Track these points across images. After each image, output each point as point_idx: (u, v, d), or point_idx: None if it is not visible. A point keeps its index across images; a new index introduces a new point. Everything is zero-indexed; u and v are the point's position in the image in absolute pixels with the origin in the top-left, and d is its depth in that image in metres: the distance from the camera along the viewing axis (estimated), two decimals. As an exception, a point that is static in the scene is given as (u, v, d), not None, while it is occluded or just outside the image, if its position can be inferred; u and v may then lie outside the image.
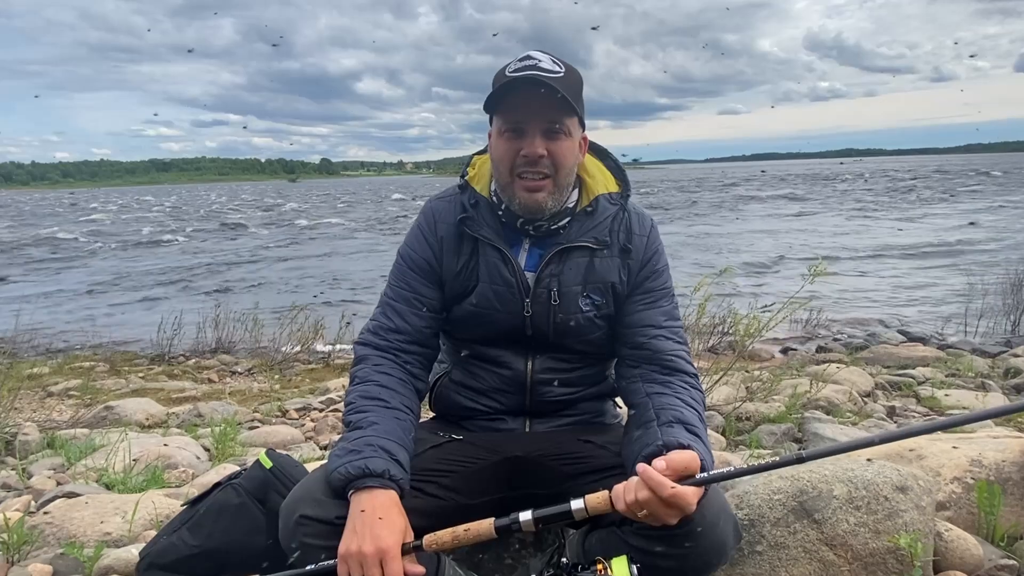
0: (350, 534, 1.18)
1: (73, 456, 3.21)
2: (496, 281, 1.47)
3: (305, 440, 4.17)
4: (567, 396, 1.56)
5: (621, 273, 1.50)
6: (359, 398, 1.39)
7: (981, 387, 4.76)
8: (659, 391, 1.39)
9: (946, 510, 1.92)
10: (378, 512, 1.19)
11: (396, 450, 1.29)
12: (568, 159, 1.43)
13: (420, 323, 1.49)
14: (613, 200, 1.52)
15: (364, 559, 1.15)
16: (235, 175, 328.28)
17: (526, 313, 1.47)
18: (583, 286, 1.48)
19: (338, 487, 1.24)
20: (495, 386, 1.55)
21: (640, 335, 1.47)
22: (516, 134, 1.40)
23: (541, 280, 1.47)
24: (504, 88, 1.37)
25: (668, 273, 1.55)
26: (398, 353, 1.47)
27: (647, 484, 1.12)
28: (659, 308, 1.50)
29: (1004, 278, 8.30)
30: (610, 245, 1.49)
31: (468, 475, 1.44)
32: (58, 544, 2.00)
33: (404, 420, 1.37)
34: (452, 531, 1.21)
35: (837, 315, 9.00)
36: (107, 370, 7.14)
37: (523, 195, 1.42)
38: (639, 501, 1.12)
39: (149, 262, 18.73)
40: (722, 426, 3.71)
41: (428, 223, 1.54)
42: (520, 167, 1.41)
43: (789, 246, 16.75)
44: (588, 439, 1.50)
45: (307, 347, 7.65)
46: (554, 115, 1.38)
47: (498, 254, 1.48)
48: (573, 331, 1.49)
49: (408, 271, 1.52)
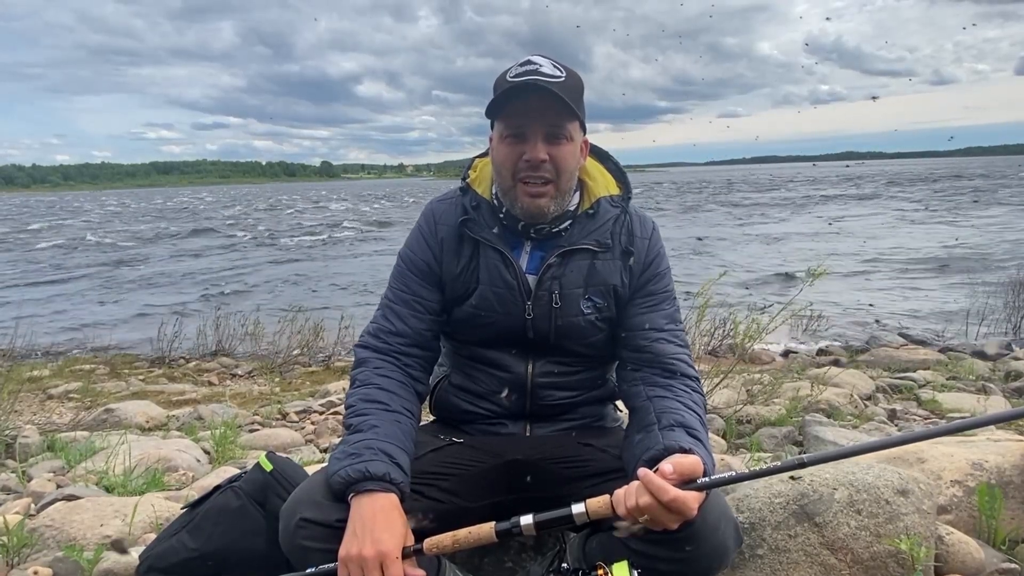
0: (350, 537, 1.18)
1: (73, 459, 3.20)
2: (497, 284, 1.47)
3: (305, 443, 4.16)
4: (567, 400, 1.56)
5: (623, 275, 1.50)
6: (359, 401, 1.38)
7: (982, 390, 4.75)
8: (661, 394, 1.38)
9: (947, 513, 1.91)
10: (378, 516, 1.19)
11: (396, 453, 1.29)
12: (570, 163, 1.43)
13: (420, 326, 1.49)
14: (614, 203, 1.52)
15: (364, 562, 1.15)
16: (236, 177, 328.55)
17: (527, 316, 1.47)
18: (585, 288, 1.47)
19: (338, 490, 1.24)
20: (495, 389, 1.54)
21: (641, 338, 1.47)
22: (518, 139, 1.40)
23: (543, 282, 1.46)
24: (506, 94, 1.37)
25: (670, 276, 1.55)
26: (398, 356, 1.47)
27: (648, 489, 1.11)
28: (661, 311, 1.49)
29: (1005, 281, 8.30)
30: (611, 248, 1.49)
31: (468, 478, 1.43)
32: (58, 547, 2.00)
33: (404, 423, 1.37)
34: (453, 535, 1.21)
35: (838, 318, 9.00)
36: (107, 372, 7.14)
37: (525, 200, 1.42)
38: (640, 506, 1.12)
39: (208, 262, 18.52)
40: (723, 429, 3.69)
41: (429, 225, 1.54)
42: (522, 171, 1.41)
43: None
44: (588, 442, 1.50)
45: (307, 349, 7.65)
46: (556, 120, 1.39)
47: (499, 256, 1.48)
48: (575, 334, 1.49)
49: (408, 273, 1.52)
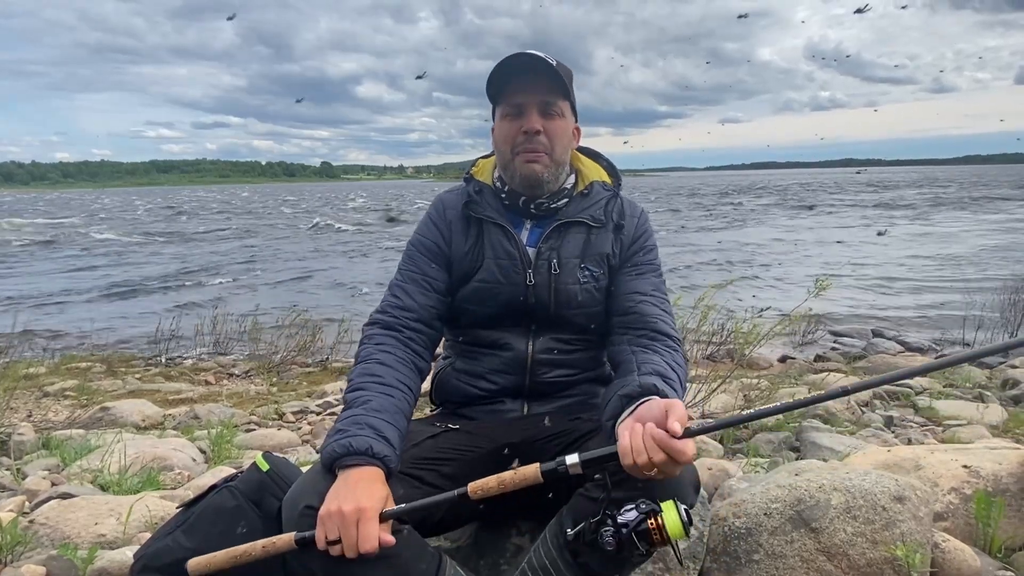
0: (331, 497, 1.20)
1: (68, 457, 3.19)
2: (500, 255, 1.58)
3: (302, 443, 4.16)
4: (565, 378, 1.62)
5: (614, 246, 1.61)
6: (357, 376, 1.43)
7: (979, 398, 4.75)
8: (643, 350, 1.45)
9: (943, 521, 1.91)
10: (360, 482, 1.21)
11: (383, 427, 1.31)
12: (563, 138, 1.58)
13: (427, 302, 1.57)
14: (607, 188, 1.67)
15: (342, 518, 1.16)
16: (236, 177, 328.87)
17: (528, 283, 1.55)
18: (581, 258, 1.58)
19: (327, 466, 1.27)
20: (495, 368, 1.60)
21: (628, 300, 1.56)
22: (516, 113, 1.55)
23: (541, 253, 1.58)
24: (503, 69, 1.51)
25: (657, 253, 1.66)
26: (402, 329, 1.52)
27: (662, 447, 1.11)
28: (646, 279, 1.60)
29: (1002, 289, 8.32)
30: (605, 224, 1.62)
31: (466, 463, 1.46)
32: (52, 545, 1.99)
33: (398, 397, 1.40)
34: (498, 477, 1.20)
35: (837, 323, 9.01)
36: (104, 371, 7.11)
37: (522, 167, 1.55)
38: (654, 461, 1.12)
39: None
40: (720, 433, 3.70)
41: (438, 210, 1.67)
42: (520, 144, 1.55)
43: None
44: (578, 416, 1.56)
45: (305, 350, 7.64)
46: (548, 95, 1.54)
47: (501, 231, 1.60)
48: (573, 302, 1.57)
49: (417, 254, 1.62)
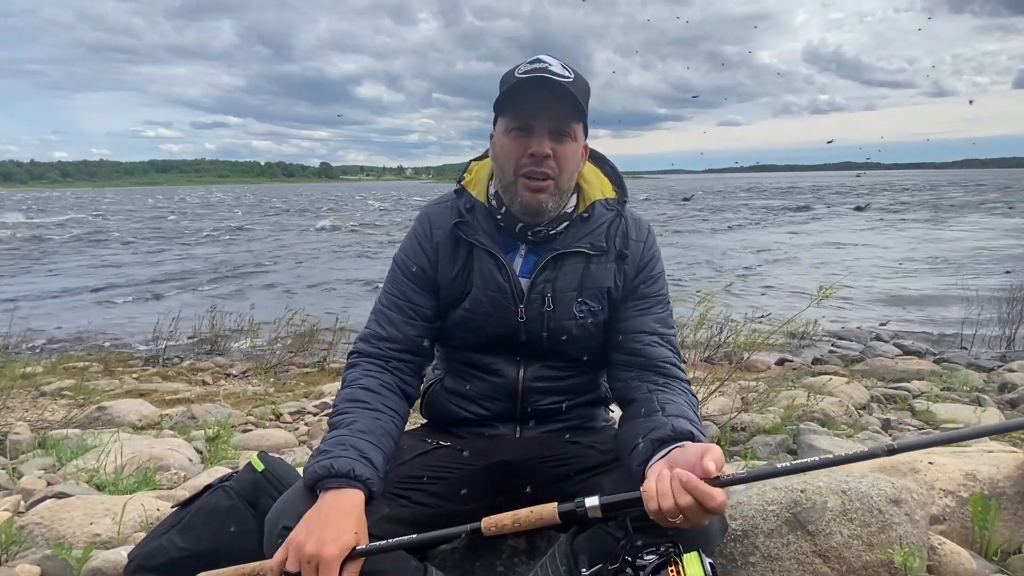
0: (302, 526, 1.18)
1: (64, 456, 3.18)
2: (490, 287, 1.46)
3: (299, 444, 4.15)
4: (558, 404, 1.55)
5: (616, 278, 1.49)
6: (342, 401, 1.40)
7: (976, 401, 4.76)
8: (660, 389, 1.39)
9: (940, 524, 1.91)
10: (332, 516, 1.19)
11: (367, 448, 1.29)
12: (571, 163, 1.43)
13: (412, 332, 1.48)
14: (609, 206, 1.52)
15: (304, 557, 1.15)
16: (235, 177, 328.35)
17: (520, 319, 1.46)
18: (579, 291, 1.47)
19: (309, 487, 1.25)
20: (486, 393, 1.54)
21: (635, 341, 1.46)
22: (524, 133, 1.39)
23: (535, 286, 1.46)
24: (516, 87, 1.37)
25: (664, 280, 1.54)
26: (388, 360, 1.46)
27: (690, 491, 1.05)
28: (654, 315, 1.49)
29: (1000, 292, 8.33)
30: (606, 251, 1.48)
31: (456, 481, 1.43)
32: (47, 545, 1.98)
33: (384, 420, 1.37)
34: (513, 514, 1.17)
35: (834, 327, 9.01)
36: (101, 370, 7.10)
37: (526, 195, 1.41)
38: (680, 506, 1.05)
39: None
40: (717, 436, 3.69)
41: (424, 229, 1.53)
42: (525, 166, 1.40)
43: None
44: (576, 440, 1.51)
45: (303, 350, 7.63)
46: (563, 117, 1.39)
47: (492, 259, 1.46)
48: (567, 337, 1.48)
49: (402, 278, 1.51)
